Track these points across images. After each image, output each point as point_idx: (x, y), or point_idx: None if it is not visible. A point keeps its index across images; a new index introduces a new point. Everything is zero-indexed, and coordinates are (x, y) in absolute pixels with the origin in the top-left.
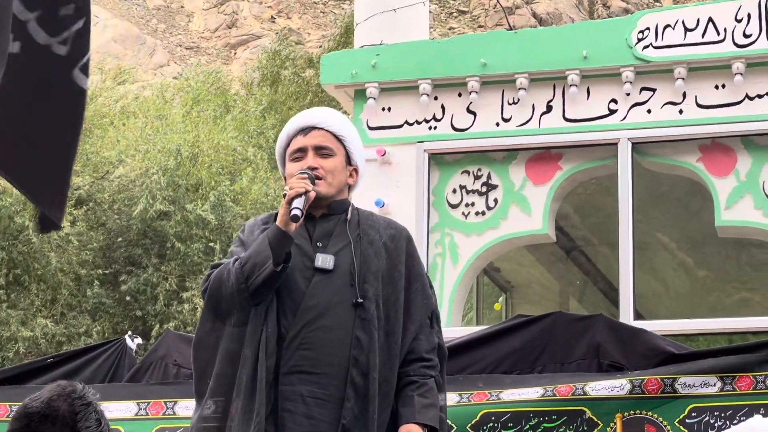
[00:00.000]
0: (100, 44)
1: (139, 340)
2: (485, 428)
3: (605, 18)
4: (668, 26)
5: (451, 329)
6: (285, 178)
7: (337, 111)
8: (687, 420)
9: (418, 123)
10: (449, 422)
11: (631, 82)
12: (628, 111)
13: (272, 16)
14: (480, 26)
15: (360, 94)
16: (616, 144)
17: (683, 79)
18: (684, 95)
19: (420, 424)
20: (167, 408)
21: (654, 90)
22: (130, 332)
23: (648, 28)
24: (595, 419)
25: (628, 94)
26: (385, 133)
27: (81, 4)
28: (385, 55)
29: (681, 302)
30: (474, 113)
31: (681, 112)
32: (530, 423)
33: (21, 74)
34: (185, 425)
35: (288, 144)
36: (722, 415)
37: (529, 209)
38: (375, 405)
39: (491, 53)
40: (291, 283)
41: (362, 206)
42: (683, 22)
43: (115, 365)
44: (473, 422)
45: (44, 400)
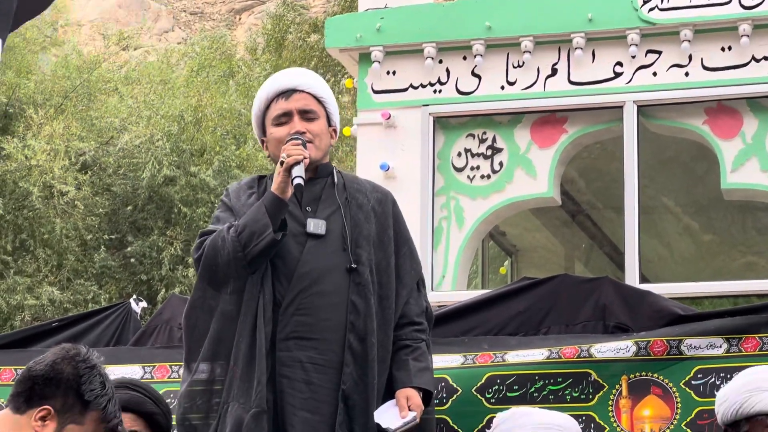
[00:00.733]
0: (104, 9)
1: (144, 304)
2: (490, 391)
3: None
4: None
5: (457, 293)
6: (262, 142)
7: (312, 71)
8: (693, 381)
9: (423, 86)
10: (454, 385)
11: (637, 45)
12: (634, 74)
13: None
14: None
15: (365, 58)
16: (622, 107)
17: (689, 42)
18: (690, 57)
19: (416, 388)
20: (172, 371)
21: (660, 52)
22: (135, 296)
23: None
24: (601, 381)
25: (634, 57)
26: (390, 97)
27: None
28: (390, 19)
29: (686, 266)
30: (479, 76)
31: (687, 75)
32: (535, 386)
33: None
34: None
35: (267, 107)
36: (728, 377)
37: (535, 172)
38: (374, 370)
39: (496, 16)
40: (284, 250)
41: (368, 170)
42: None
43: (120, 329)
44: (478, 385)
45: (48, 363)
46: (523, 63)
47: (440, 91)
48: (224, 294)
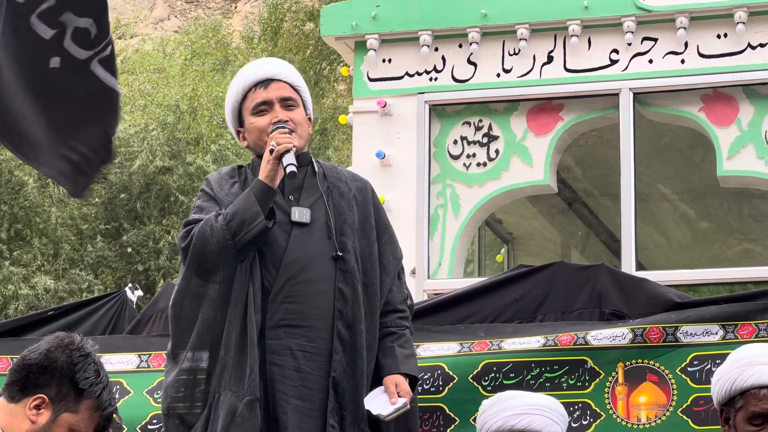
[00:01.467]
0: None
1: (140, 293)
2: (486, 379)
3: None
4: None
5: (453, 281)
6: (238, 133)
7: (285, 61)
8: (689, 368)
9: (419, 74)
10: (450, 373)
11: (633, 32)
12: (630, 61)
13: None
14: None
15: (360, 46)
16: (618, 94)
17: (685, 29)
18: (686, 45)
19: (403, 374)
20: None
21: (655, 40)
22: (131, 284)
23: None
24: (597, 368)
25: (630, 44)
26: (386, 85)
27: None
28: (385, 6)
29: (683, 253)
30: (475, 64)
31: (683, 62)
32: (532, 373)
33: None
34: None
35: (243, 97)
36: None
37: (531, 160)
38: (363, 357)
39: (492, 4)
40: (270, 238)
41: (364, 158)
42: None
43: (116, 318)
44: (475, 372)
45: (42, 352)
46: (519, 50)
47: (436, 79)
48: (212, 283)
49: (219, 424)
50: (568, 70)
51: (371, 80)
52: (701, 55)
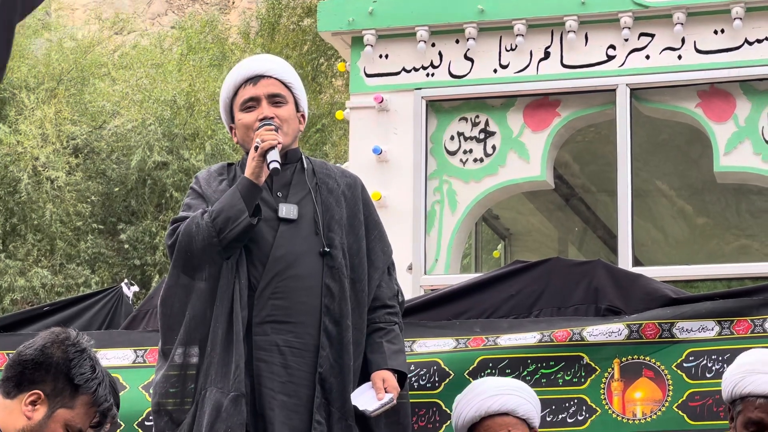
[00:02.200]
0: None
1: (136, 288)
2: (482, 374)
3: None
4: None
5: (450, 277)
6: (231, 128)
7: (280, 58)
8: (684, 364)
9: (416, 70)
10: (446, 369)
11: (630, 28)
12: (627, 57)
13: None
14: None
15: (357, 42)
16: (615, 90)
17: (682, 24)
18: (683, 40)
19: (391, 370)
20: None
21: (653, 35)
22: (127, 280)
23: None
24: (593, 365)
25: (627, 40)
26: (383, 81)
27: None
28: (382, 2)
29: (680, 249)
30: (471, 60)
31: (680, 58)
32: (528, 369)
33: None
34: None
35: (235, 93)
36: (720, 359)
37: (528, 156)
38: (350, 352)
39: None
40: (257, 235)
41: (361, 153)
42: None
43: (112, 313)
44: (471, 368)
45: (38, 348)
46: (516, 46)
47: (433, 75)
48: (198, 280)
49: (204, 420)
50: (565, 66)
51: (368, 76)
52: (698, 51)
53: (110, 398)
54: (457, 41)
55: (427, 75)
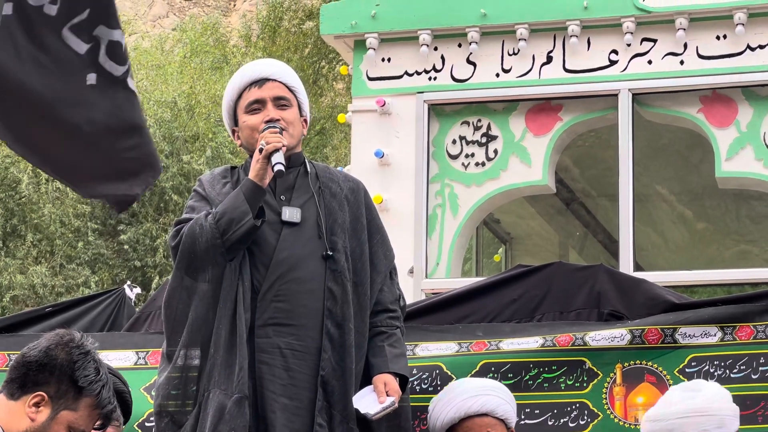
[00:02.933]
0: None
1: (138, 290)
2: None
3: None
4: None
5: (451, 280)
6: (233, 132)
7: (283, 62)
8: (687, 369)
9: (418, 74)
10: (449, 373)
11: (632, 33)
12: (629, 62)
13: None
14: None
15: (360, 45)
16: (617, 95)
17: (684, 30)
18: (685, 46)
19: (392, 373)
20: None
21: (655, 41)
22: (129, 282)
23: None
24: (595, 369)
25: (629, 45)
26: (385, 84)
27: None
28: (385, 5)
29: (680, 254)
30: (474, 64)
31: (682, 63)
32: (530, 373)
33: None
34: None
35: (239, 96)
36: (722, 364)
37: (529, 160)
38: (352, 356)
39: (491, 3)
40: (260, 237)
41: (362, 157)
42: None
43: (114, 315)
44: (473, 372)
45: (42, 349)
46: (518, 50)
47: (435, 79)
48: (201, 282)
49: (208, 422)
50: (568, 71)
51: (370, 79)
52: (700, 57)
53: (113, 401)
54: (460, 45)
55: (430, 79)
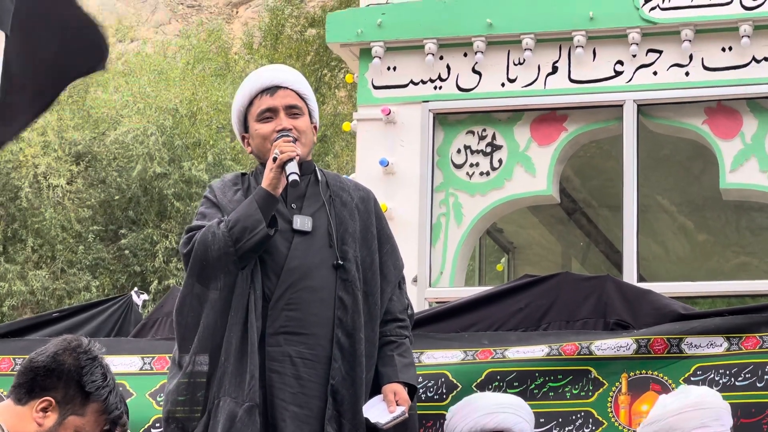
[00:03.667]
0: (103, 1)
1: (146, 296)
2: (490, 387)
3: None
4: None
5: (455, 289)
6: (243, 138)
7: (294, 68)
8: (692, 378)
9: (424, 83)
10: (454, 381)
11: (638, 44)
12: (634, 73)
13: None
14: None
15: (365, 53)
16: (622, 106)
17: (690, 41)
18: (690, 57)
19: (401, 383)
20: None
21: (660, 52)
22: (137, 288)
23: None
24: (601, 379)
25: (635, 56)
26: (390, 93)
27: None
28: (391, 14)
29: (681, 265)
30: (479, 73)
31: (687, 75)
32: (536, 382)
33: None
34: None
35: (250, 103)
36: (727, 373)
37: (534, 170)
38: (362, 365)
39: (497, 13)
40: (271, 246)
41: (367, 165)
42: None
43: (121, 321)
44: (479, 381)
45: (50, 355)
46: (524, 60)
47: (440, 88)
48: (213, 290)
49: (218, 430)
50: (573, 81)
51: (376, 88)
52: (706, 68)
53: (121, 406)
54: (465, 54)
55: (435, 88)
